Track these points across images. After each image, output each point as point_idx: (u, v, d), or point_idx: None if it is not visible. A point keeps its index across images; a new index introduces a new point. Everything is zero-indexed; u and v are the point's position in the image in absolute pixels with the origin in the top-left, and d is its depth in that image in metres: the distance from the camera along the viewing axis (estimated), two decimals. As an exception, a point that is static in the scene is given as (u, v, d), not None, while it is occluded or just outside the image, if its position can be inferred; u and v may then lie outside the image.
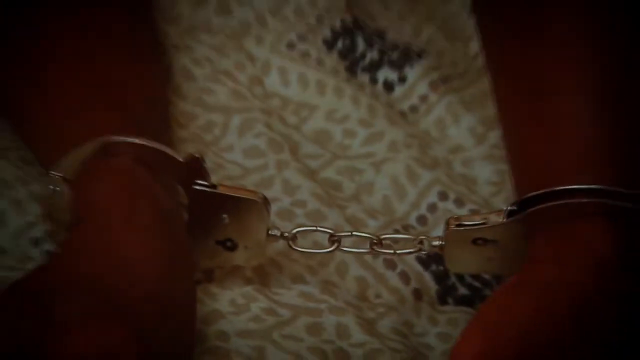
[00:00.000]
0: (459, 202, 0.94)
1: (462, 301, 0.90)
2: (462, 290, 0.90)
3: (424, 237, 0.87)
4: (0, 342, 0.71)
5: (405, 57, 1.03)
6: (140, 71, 0.97)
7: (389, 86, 1.02)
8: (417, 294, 0.90)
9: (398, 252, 0.87)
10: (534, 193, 0.81)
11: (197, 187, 0.85)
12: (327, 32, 1.04)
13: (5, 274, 0.83)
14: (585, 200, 0.79)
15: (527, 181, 0.84)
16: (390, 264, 0.90)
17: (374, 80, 1.02)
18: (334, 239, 0.86)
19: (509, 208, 0.82)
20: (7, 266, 0.85)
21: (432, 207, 0.94)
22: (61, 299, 0.73)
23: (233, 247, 0.87)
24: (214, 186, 0.86)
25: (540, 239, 0.80)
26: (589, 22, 0.85)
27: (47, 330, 0.71)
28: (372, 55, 1.03)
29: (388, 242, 0.87)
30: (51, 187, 0.83)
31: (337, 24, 1.04)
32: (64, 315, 0.72)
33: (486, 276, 0.90)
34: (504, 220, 0.83)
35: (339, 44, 1.03)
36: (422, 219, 0.94)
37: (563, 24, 0.85)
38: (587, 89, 0.83)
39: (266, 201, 0.86)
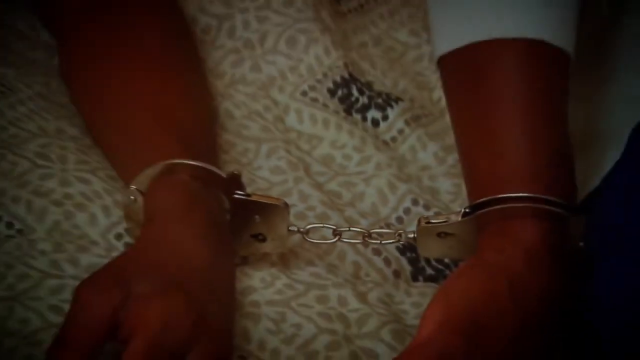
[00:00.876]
0: (427, 207, 0.94)
1: (429, 279, 0.91)
2: (429, 271, 0.91)
3: (401, 231, 0.87)
4: (96, 307, 0.72)
5: (387, 101, 1.01)
6: (196, 109, 0.97)
7: (375, 123, 1.01)
8: (397, 274, 0.90)
9: (383, 242, 0.88)
10: (482, 200, 0.81)
11: (236, 196, 0.85)
12: (330, 84, 1.02)
13: (97, 260, 0.83)
14: (517, 205, 0.79)
15: (477, 191, 0.83)
16: (377, 252, 0.90)
17: (364, 118, 1.01)
18: (336, 233, 0.87)
19: (463, 210, 0.83)
20: (98, 254, 0.85)
21: (407, 210, 0.94)
22: (136, 278, 0.74)
23: (263, 240, 0.87)
24: (248, 195, 0.86)
25: (486, 233, 0.81)
26: (518, 75, 0.83)
27: (126, 301, 0.72)
28: (363, 100, 1.02)
29: (375, 235, 0.88)
30: (130, 196, 0.84)
31: (338, 78, 1.03)
32: (138, 289, 0.73)
33: (447, 260, 0.91)
34: (460, 219, 0.83)
35: (339, 92, 1.02)
36: (399, 219, 0.94)
37: (499, 78, 0.83)
38: (518, 124, 0.82)
39: (287, 206, 0.86)
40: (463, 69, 0.85)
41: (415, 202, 0.94)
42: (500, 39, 0.82)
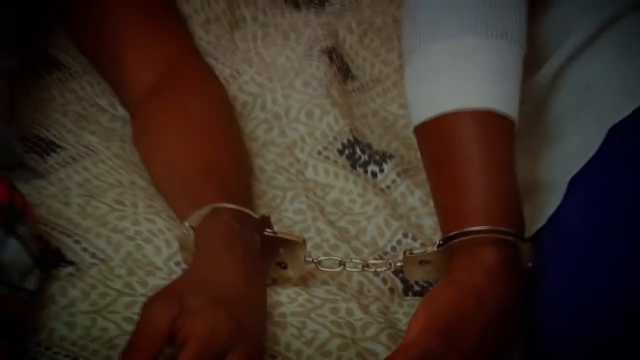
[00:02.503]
0: (414, 238, 0.93)
1: (417, 294, 0.90)
2: (417, 288, 0.90)
3: (391, 261, 0.87)
4: (158, 319, 0.72)
5: (383, 158, 1.01)
6: (236, 165, 0.96)
7: (374, 174, 1.00)
8: (391, 290, 0.89)
9: (377, 270, 0.87)
10: (451, 234, 0.80)
11: (266, 233, 0.85)
12: (339, 145, 1.01)
13: (161, 282, 0.83)
14: (479, 236, 0.79)
15: (447, 227, 0.82)
16: (376, 274, 0.89)
17: (365, 171, 1.00)
18: (341, 263, 0.87)
19: (438, 243, 0.82)
20: (161, 277, 0.85)
21: (399, 242, 0.93)
22: (189, 296, 0.74)
23: (285, 267, 0.86)
24: (275, 232, 0.86)
25: (456, 258, 0.80)
26: (474, 138, 0.82)
27: (181, 314, 0.72)
28: (365, 157, 1.01)
29: (371, 264, 0.87)
30: (185, 231, 0.84)
31: (345, 141, 1.02)
32: (190, 305, 0.73)
33: (430, 283, 0.89)
34: (436, 249, 0.82)
35: (346, 152, 1.01)
36: (393, 248, 0.93)
37: (460, 141, 0.82)
38: (476, 176, 0.81)
39: (304, 241, 0.86)
40: (432, 135, 0.84)
41: (405, 235, 0.93)
42: (459, 111, 0.81)
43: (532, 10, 0.87)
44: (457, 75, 0.83)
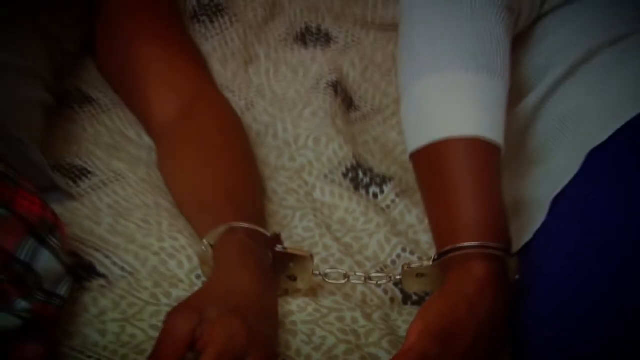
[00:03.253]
0: (412, 253, 0.93)
1: (415, 303, 0.89)
2: (415, 298, 0.89)
3: (391, 275, 0.87)
4: (180, 327, 0.72)
5: (383, 181, 1.01)
6: (250, 187, 0.96)
7: (375, 195, 1.00)
8: (392, 300, 0.89)
9: (378, 282, 0.88)
10: (445, 249, 0.80)
11: (277, 249, 0.85)
12: (344, 169, 1.01)
13: (183, 293, 0.83)
14: (469, 251, 0.79)
15: (441, 243, 0.82)
16: (378, 285, 0.89)
17: (367, 193, 1.00)
18: (345, 276, 0.87)
19: (433, 257, 0.82)
20: (184, 289, 0.85)
21: (398, 256, 0.93)
22: (208, 307, 0.74)
23: (295, 279, 0.86)
24: (285, 248, 0.86)
25: (450, 271, 0.80)
26: (464, 163, 0.82)
27: (201, 323, 0.72)
28: (367, 180, 1.00)
29: (373, 277, 0.87)
30: (204, 248, 0.84)
31: (349, 165, 1.01)
32: (209, 315, 0.73)
33: (427, 293, 0.88)
34: (431, 263, 0.82)
35: (350, 175, 1.01)
36: (393, 262, 0.92)
37: (451, 166, 0.82)
38: (467, 197, 0.81)
39: (312, 256, 0.85)
40: (426, 160, 0.83)
41: (404, 250, 0.93)
42: (450, 139, 0.81)
43: (515, 49, 0.87)
44: (448, 106, 0.82)
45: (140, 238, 0.89)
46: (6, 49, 0.91)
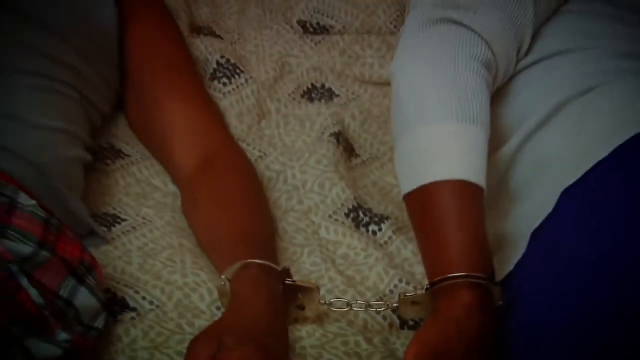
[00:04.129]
0: (408, 283, 0.92)
1: (411, 328, 0.89)
2: (411, 323, 0.89)
3: (389, 303, 0.87)
4: (201, 354, 0.73)
5: (381, 220, 1.00)
6: (263, 228, 0.96)
7: (374, 233, 0.99)
8: (391, 325, 0.89)
9: (378, 309, 0.87)
10: (436, 279, 0.80)
11: (287, 282, 0.85)
12: (346, 210, 1.01)
13: (205, 323, 0.83)
14: (458, 281, 0.79)
15: (433, 274, 0.81)
16: (378, 312, 0.89)
17: (367, 231, 1.00)
18: (348, 304, 0.87)
19: (426, 287, 0.82)
20: (205, 319, 0.85)
21: (396, 286, 0.92)
22: (226, 335, 0.74)
23: (304, 309, 0.86)
24: (294, 281, 0.86)
25: (441, 299, 0.80)
26: (451, 203, 0.82)
27: (219, 349, 0.73)
28: (367, 219, 1.00)
29: (373, 305, 0.87)
30: (222, 283, 0.84)
31: (350, 207, 1.01)
32: (227, 342, 0.74)
33: (421, 320, 0.88)
34: (424, 293, 0.82)
35: (352, 215, 1.00)
36: (391, 292, 0.92)
37: (440, 206, 0.82)
38: (455, 234, 0.81)
39: (318, 288, 0.86)
40: (418, 201, 0.83)
41: (400, 280, 0.93)
42: (438, 182, 0.81)
43: (495, 102, 0.88)
44: (436, 153, 0.83)
45: (166, 275, 0.90)
46: (52, 115, 0.92)
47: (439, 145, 0.83)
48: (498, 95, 0.92)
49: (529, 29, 0.90)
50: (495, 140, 0.87)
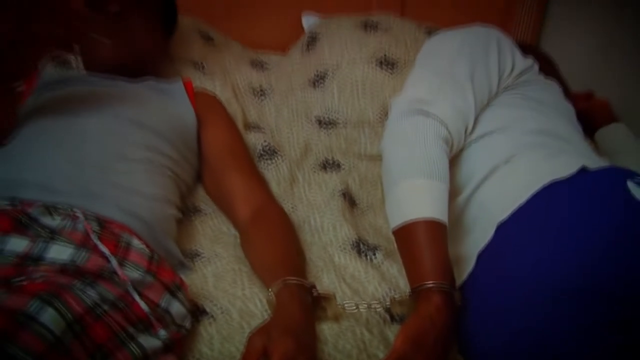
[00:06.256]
0: (394, 291, 0.90)
1: (398, 322, 0.87)
2: (398, 319, 0.87)
3: (383, 304, 0.86)
4: (256, 344, 0.70)
5: (375, 248, 0.99)
6: (298, 257, 0.94)
7: (371, 259, 0.97)
8: (384, 320, 0.87)
9: (376, 309, 0.86)
10: (414, 287, 0.79)
11: (313, 293, 0.84)
12: (351, 243, 1.00)
13: (257, 323, 0.82)
14: (430, 287, 0.78)
15: (412, 282, 0.81)
16: (376, 311, 0.87)
17: (366, 257, 0.98)
18: (356, 305, 0.85)
19: (408, 292, 0.81)
20: (258, 320, 0.84)
21: (386, 293, 0.90)
22: (273, 330, 0.73)
23: (325, 311, 0.85)
24: (318, 292, 0.85)
25: (419, 301, 0.78)
26: (425, 237, 0.80)
27: (269, 340, 0.71)
28: (365, 249, 0.99)
29: (373, 305, 0.86)
30: (269, 295, 0.82)
31: (354, 241, 1.00)
32: (274, 335, 0.72)
33: (406, 314, 0.86)
34: (407, 296, 0.82)
35: (355, 246, 0.99)
36: (384, 297, 0.90)
37: (417, 239, 0.80)
38: (428, 258, 0.79)
39: (335, 296, 0.85)
40: (402, 234, 0.82)
41: (390, 290, 0.91)
42: (416, 220, 0.81)
43: (451, 166, 0.88)
44: (414, 200, 0.82)
45: (231, 290, 0.89)
46: (156, 188, 0.92)
47: (415, 195, 0.82)
48: (453, 161, 0.92)
49: (472, 115, 0.91)
50: (452, 192, 0.87)
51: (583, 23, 1.50)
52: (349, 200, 1.11)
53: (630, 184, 0.71)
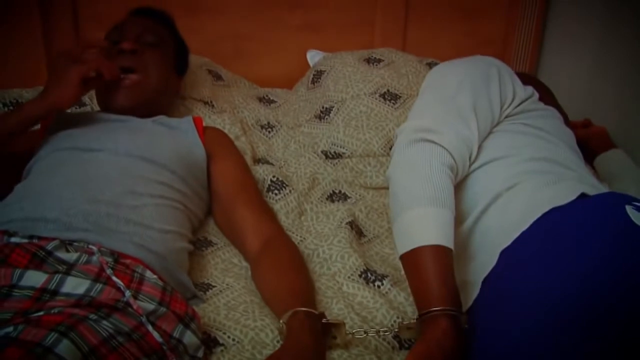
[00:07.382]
0: (402, 318, 0.91)
1: (406, 348, 0.87)
2: (406, 345, 0.87)
3: (392, 329, 0.86)
4: None
5: (383, 277, 0.98)
6: (307, 286, 0.93)
7: (378, 286, 0.97)
8: (393, 347, 0.87)
9: (385, 335, 0.86)
10: (422, 312, 0.79)
11: (323, 321, 0.84)
12: (359, 272, 0.99)
13: (269, 351, 0.82)
14: (437, 312, 0.78)
15: (420, 308, 0.80)
16: (384, 338, 0.87)
17: (374, 285, 0.97)
18: (365, 332, 0.85)
19: (416, 318, 0.81)
20: (270, 349, 0.83)
21: (395, 320, 0.91)
22: (284, 358, 0.73)
23: (335, 338, 0.84)
24: (328, 320, 0.84)
25: (426, 325, 0.78)
26: (432, 261, 0.80)
27: None
28: (373, 277, 0.98)
29: (381, 332, 0.86)
30: (280, 325, 0.82)
31: (362, 270, 1.00)
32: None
33: (413, 339, 0.86)
34: (415, 321, 0.81)
35: (363, 275, 0.98)
36: (392, 324, 0.90)
37: (424, 264, 0.80)
38: (435, 283, 0.77)
39: (344, 324, 0.84)
40: (409, 261, 0.82)
41: (397, 317, 0.91)
42: (422, 246, 0.80)
43: (456, 193, 0.87)
44: (420, 228, 0.81)
45: (243, 321, 0.89)
46: (168, 223, 0.92)
47: (422, 222, 0.81)
48: (458, 188, 0.91)
49: (476, 143, 0.91)
50: (456, 218, 0.87)
51: (579, 53, 1.52)
52: (356, 230, 1.10)
53: (629, 209, 0.70)
